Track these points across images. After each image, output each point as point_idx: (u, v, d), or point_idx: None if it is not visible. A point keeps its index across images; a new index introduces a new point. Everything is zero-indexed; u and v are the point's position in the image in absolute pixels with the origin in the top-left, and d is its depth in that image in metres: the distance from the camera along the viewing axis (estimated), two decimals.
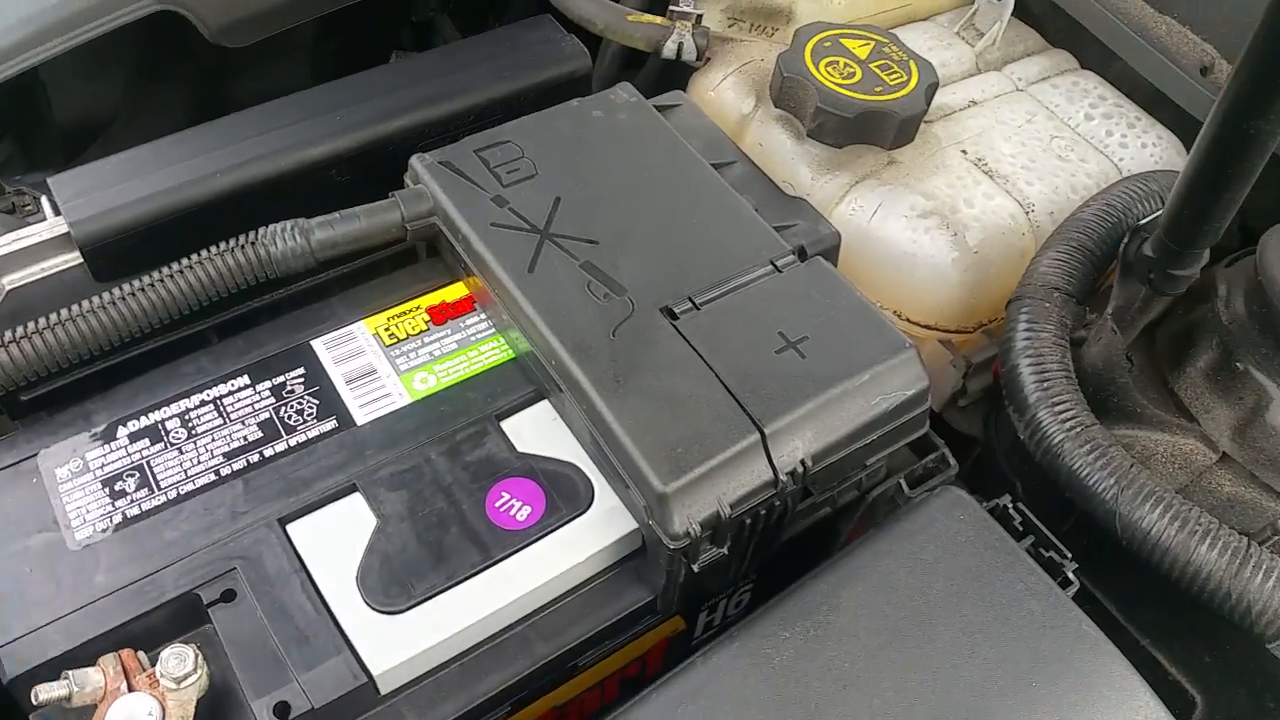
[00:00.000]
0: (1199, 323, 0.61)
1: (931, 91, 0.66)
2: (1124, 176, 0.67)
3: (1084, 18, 0.75)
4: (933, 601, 0.48)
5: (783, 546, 0.58)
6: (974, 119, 0.71)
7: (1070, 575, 0.52)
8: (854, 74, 0.65)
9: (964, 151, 0.68)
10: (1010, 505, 0.53)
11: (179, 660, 0.46)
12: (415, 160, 0.60)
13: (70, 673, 0.46)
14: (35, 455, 0.54)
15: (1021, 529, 0.53)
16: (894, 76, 0.65)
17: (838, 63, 0.66)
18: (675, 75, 0.76)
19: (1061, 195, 0.68)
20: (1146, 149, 0.72)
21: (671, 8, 0.72)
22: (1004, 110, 0.72)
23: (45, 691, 0.45)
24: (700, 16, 0.72)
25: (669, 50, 0.72)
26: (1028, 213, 0.66)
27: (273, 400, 0.56)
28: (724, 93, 0.72)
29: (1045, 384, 0.57)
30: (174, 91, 0.78)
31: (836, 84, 0.64)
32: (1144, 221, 0.56)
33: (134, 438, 0.55)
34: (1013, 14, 0.84)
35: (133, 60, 0.77)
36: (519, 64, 0.68)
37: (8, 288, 0.60)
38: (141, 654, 0.48)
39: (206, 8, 0.66)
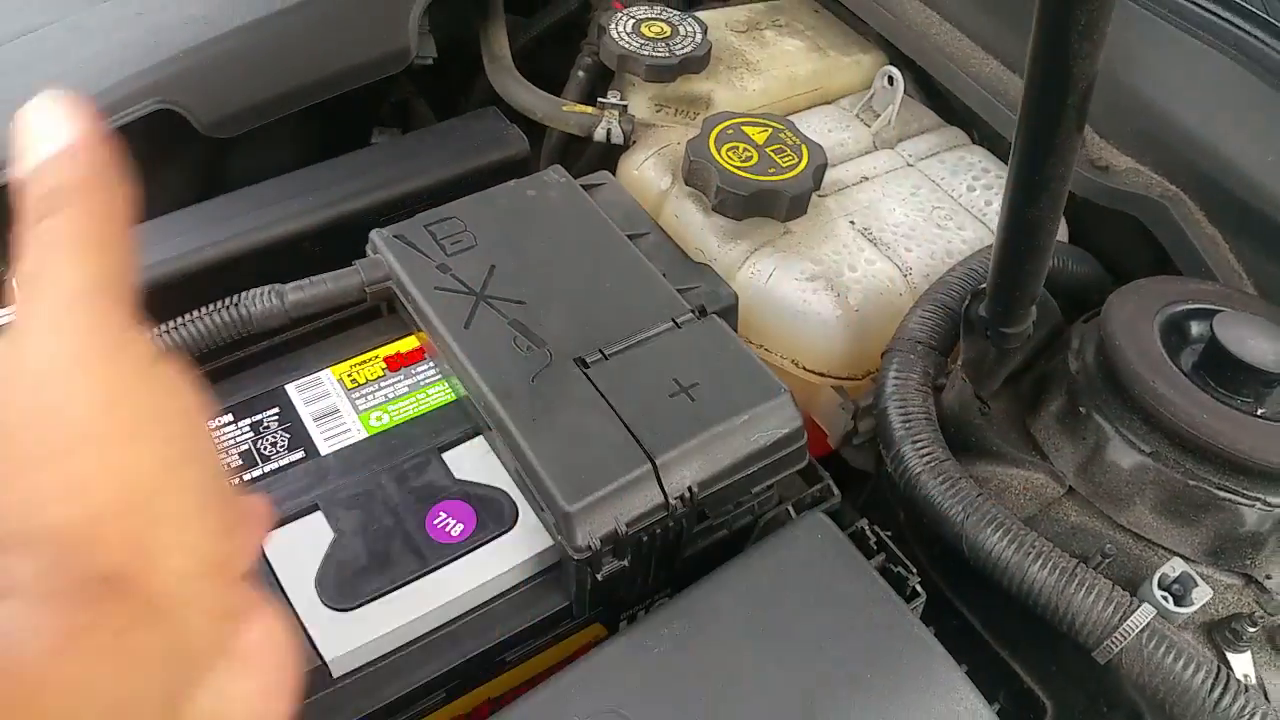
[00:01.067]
0: (1053, 372, 0.71)
1: (820, 172, 0.77)
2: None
3: (962, 94, 0.86)
4: (789, 606, 0.57)
5: (690, 564, 0.68)
6: (864, 193, 0.81)
7: (916, 587, 0.61)
8: (751, 157, 0.76)
9: (852, 222, 0.79)
10: (866, 527, 0.62)
11: None
12: (374, 234, 0.71)
13: None
14: None
15: (875, 548, 0.62)
16: (787, 159, 0.76)
17: (738, 148, 0.77)
18: (613, 155, 0.87)
19: (938, 260, 0.78)
20: None
21: (600, 99, 0.83)
22: (892, 185, 0.83)
23: None
24: (626, 106, 0.83)
25: (599, 135, 0.83)
26: (906, 275, 0.76)
27: (252, 434, 0.66)
28: (646, 171, 0.83)
29: (908, 424, 0.67)
30: (172, 173, 0.89)
31: (735, 166, 0.75)
32: (982, 286, 0.66)
33: None
34: (918, 94, 0.95)
35: (135, 147, 0.88)
36: (467, 150, 0.79)
37: None
38: None
39: (200, 105, 0.77)
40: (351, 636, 0.57)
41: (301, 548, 0.61)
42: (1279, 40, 0.76)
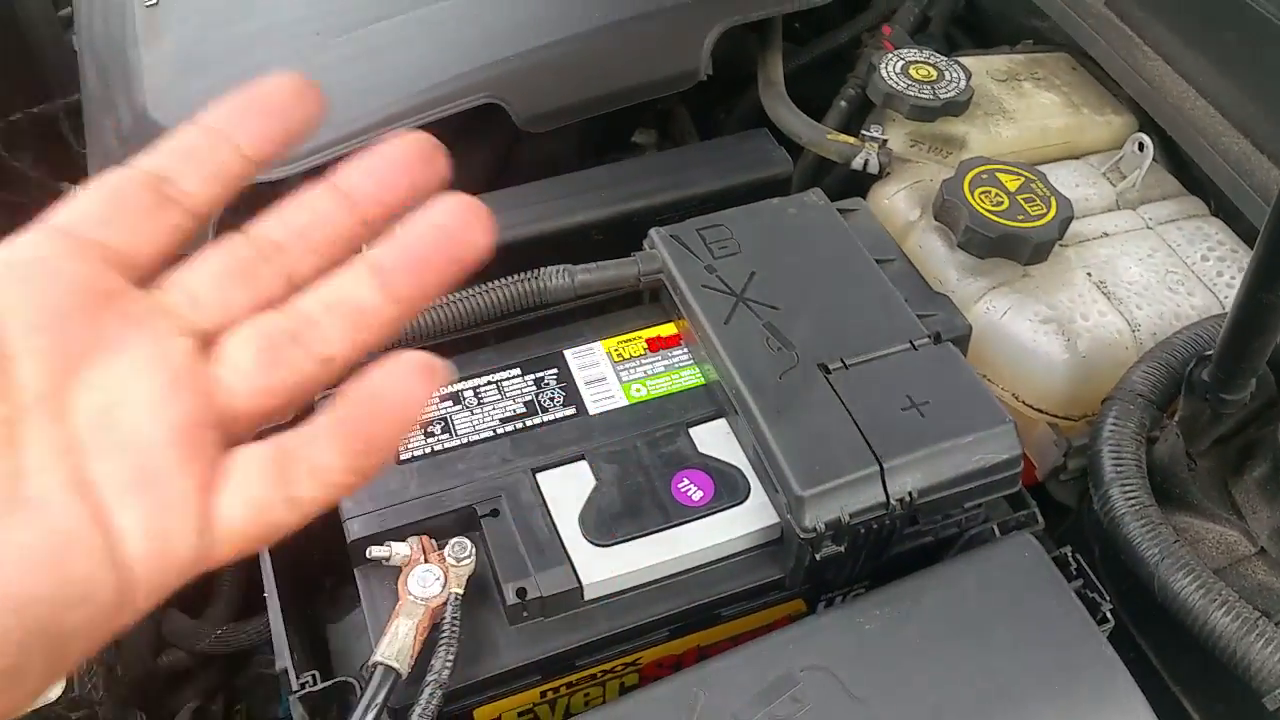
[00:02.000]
0: (1261, 440, 0.74)
1: (1065, 224, 0.82)
2: (1223, 312, 0.81)
3: (1215, 174, 0.89)
4: (989, 610, 0.64)
5: (891, 562, 0.75)
6: (1103, 248, 0.86)
7: (1107, 614, 0.66)
8: (1002, 202, 0.82)
9: (1089, 274, 0.84)
10: (1069, 553, 0.68)
11: (460, 547, 0.67)
12: (653, 231, 0.82)
13: (390, 543, 0.69)
14: None
15: (1075, 573, 0.68)
16: (1035, 208, 0.82)
17: (990, 191, 0.83)
18: (859, 182, 0.95)
19: (1166, 320, 0.82)
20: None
21: (863, 131, 0.91)
22: (1130, 244, 0.87)
23: (374, 551, 0.67)
24: (886, 140, 0.91)
25: (857, 163, 0.91)
26: (1134, 331, 0.81)
27: (535, 388, 0.79)
28: (897, 202, 0.91)
29: (1120, 468, 0.72)
30: (478, 157, 1.03)
31: (986, 209, 0.82)
32: (1209, 352, 0.70)
33: (442, 399, 0.78)
34: (1164, 160, 0.98)
35: (454, 132, 1.03)
36: (736, 166, 0.89)
37: None
38: (434, 541, 0.70)
39: (521, 102, 0.90)
40: (604, 568, 0.68)
41: (570, 489, 0.72)
42: None
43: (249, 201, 0.38)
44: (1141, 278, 0.85)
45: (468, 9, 0.97)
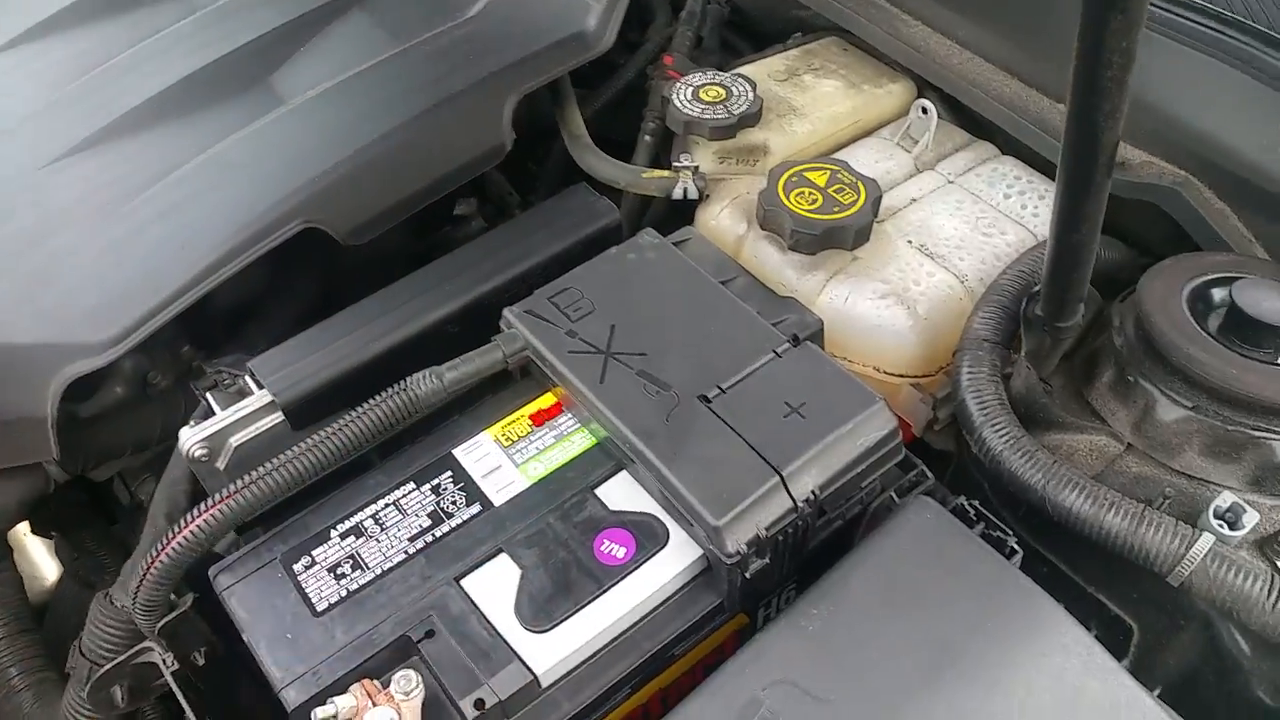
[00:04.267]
0: (1102, 348, 0.82)
1: (877, 203, 0.88)
2: (1035, 243, 0.89)
3: (991, 114, 0.97)
4: (912, 577, 0.68)
5: (813, 552, 0.79)
6: (915, 213, 0.93)
7: (1014, 546, 0.72)
8: (816, 199, 0.88)
9: (909, 241, 0.90)
10: (965, 502, 0.74)
11: (406, 680, 0.67)
12: (506, 312, 0.83)
13: (332, 699, 0.68)
14: (276, 558, 0.77)
15: (975, 518, 0.73)
16: (847, 196, 0.88)
17: (804, 192, 0.88)
18: (683, 209, 0.99)
19: (988, 264, 0.89)
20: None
21: (675, 163, 0.96)
22: (938, 202, 0.94)
23: (320, 713, 0.65)
24: (698, 167, 0.95)
25: (678, 194, 0.95)
26: (963, 282, 0.88)
27: (434, 497, 0.79)
28: (722, 220, 0.95)
29: (985, 410, 0.78)
30: (305, 273, 1.02)
31: (805, 210, 0.87)
32: (1037, 288, 0.77)
33: (343, 536, 0.77)
34: (948, 114, 1.06)
35: (273, 256, 1.01)
36: (567, 226, 0.92)
37: (234, 445, 0.84)
38: (376, 682, 0.69)
39: (338, 219, 0.89)
40: (553, 652, 0.69)
41: (497, 586, 0.73)
42: (1263, 44, 0.86)
43: None
44: (956, 231, 0.92)
45: (262, 139, 0.96)
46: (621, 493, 0.78)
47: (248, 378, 0.86)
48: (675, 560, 0.74)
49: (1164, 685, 0.77)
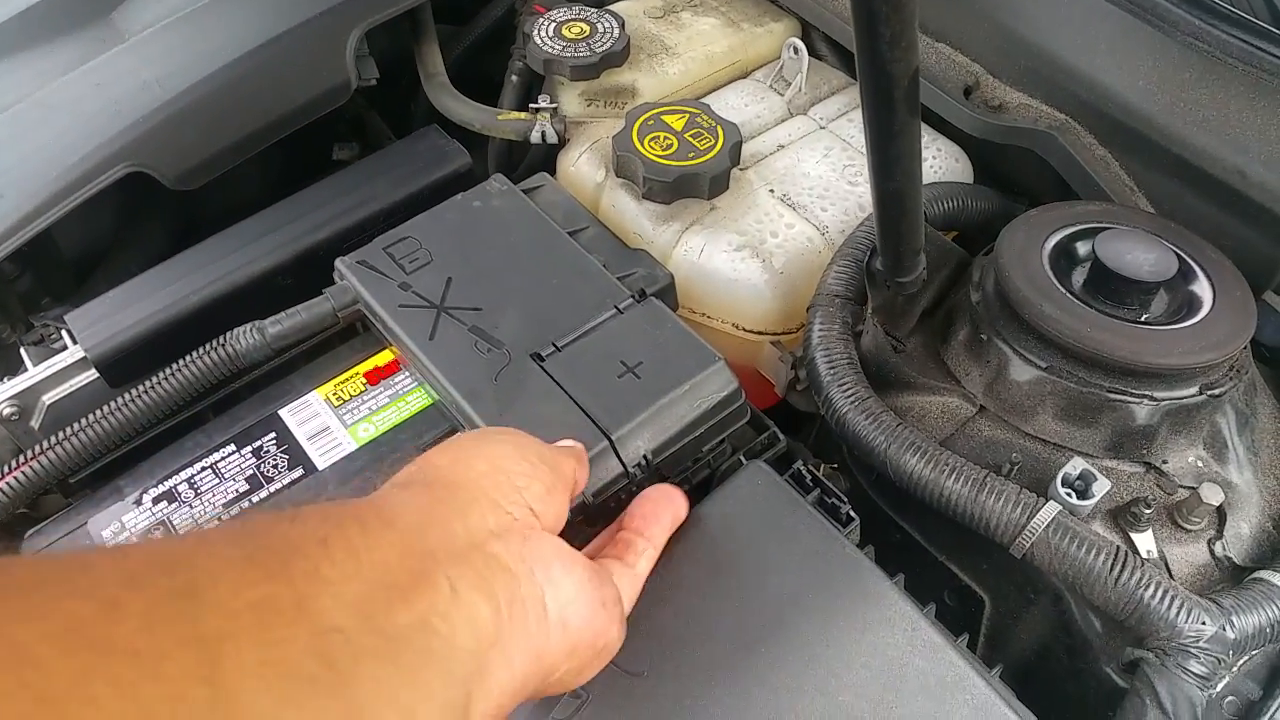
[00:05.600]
0: (959, 305, 0.78)
1: (736, 150, 0.83)
2: None
3: None
4: (736, 546, 0.65)
5: None
6: (780, 160, 0.88)
7: (850, 512, 0.69)
8: (671, 144, 0.83)
9: (771, 190, 0.86)
10: (803, 466, 0.70)
11: None
12: (338, 262, 0.78)
13: None
14: (85, 524, 0.73)
15: (812, 484, 0.70)
16: (704, 141, 0.83)
17: (659, 137, 0.83)
18: (556, 154, 0.94)
19: (851, 215, 0.85)
20: (926, 162, 0.89)
21: (532, 104, 0.90)
22: (805, 149, 0.89)
23: None
24: (556, 108, 0.90)
25: (535, 138, 0.89)
26: (824, 234, 0.83)
27: (254, 460, 0.74)
28: (581, 167, 0.90)
29: (833, 370, 0.75)
30: (154, 224, 0.96)
31: (658, 156, 0.82)
32: None
33: (155, 501, 0.73)
34: (831, 55, 1.01)
35: (117, 202, 0.96)
36: (414, 171, 0.86)
37: (47, 404, 0.79)
38: None
39: (164, 163, 0.84)
40: None
41: None
42: None
43: None
44: (821, 179, 0.87)
45: (91, 78, 0.89)
46: None
47: (65, 331, 0.81)
48: None
49: (1017, 660, 0.75)
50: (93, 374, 0.78)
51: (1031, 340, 0.72)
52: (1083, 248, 0.76)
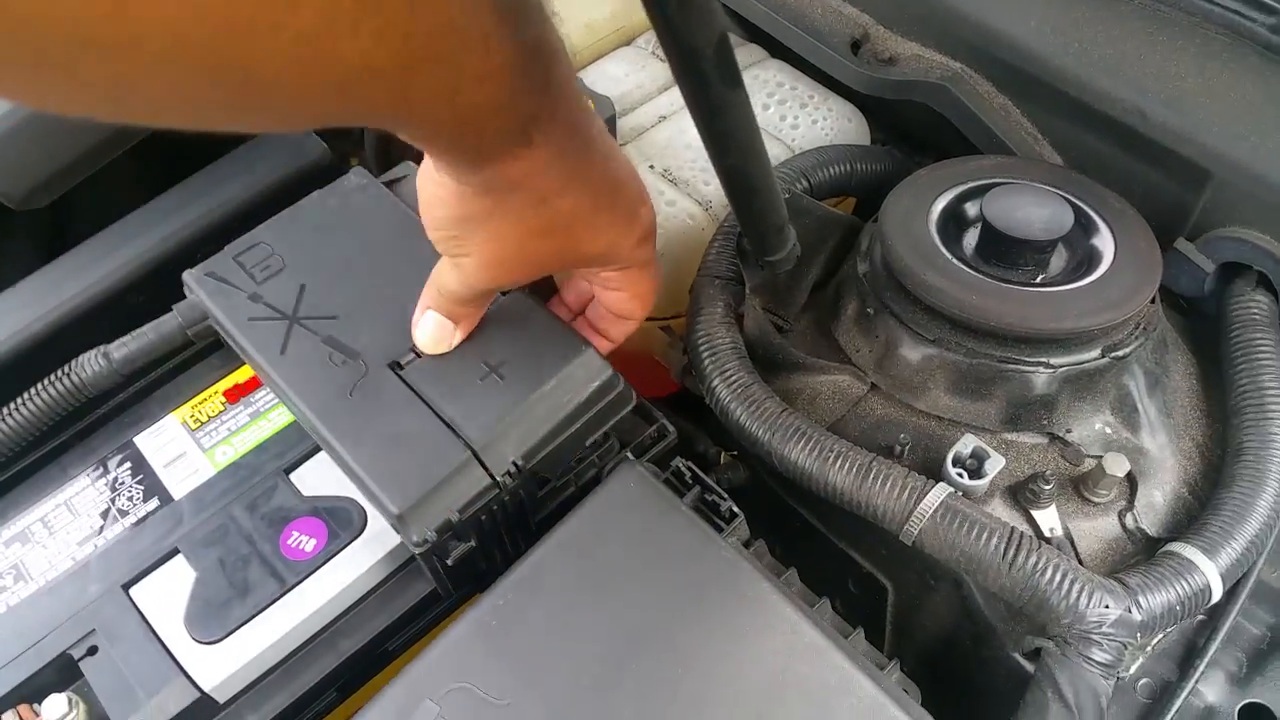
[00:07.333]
0: (847, 277, 0.74)
1: (609, 124, 0.78)
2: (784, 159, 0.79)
3: (748, 14, 0.86)
4: (610, 555, 0.61)
5: (550, 520, 0.72)
6: (661, 133, 0.83)
7: (733, 508, 0.65)
8: None
9: (651, 166, 0.80)
10: (681, 463, 0.66)
11: (54, 706, 0.60)
12: (186, 275, 0.73)
13: None
14: None
15: (691, 481, 0.66)
16: None
17: None
18: None
19: None
20: (816, 124, 0.84)
21: None
22: (686, 120, 0.83)
23: None
24: None
25: None
26: (707, 209, 0.78)
27: (109, 493, 0.70)
28: None
29: (715, 356, 0.70)
30: (15, 245, 0.91)
31: None
32: None
33: (7, 544, 0.69)
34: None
35: None
36: (267, 168, 0.81)
37: None
38: (36, 706, 0.63)
39: (7, 184, 0.78)
40: (224, 664, 0.62)
41: (168, 592, 0.65)
42: None
43: None
44: (704, 151, 0.82)
45: None
46: (318, 476, 0.70)
47: None
48: (372, 550, 0.67)
49: (924, 650, 0.72)
50: None
51: (918, 312, 0.68)
52: (973, 208, 0.72)
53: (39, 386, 0.70)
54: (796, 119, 0.84)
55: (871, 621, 0.72)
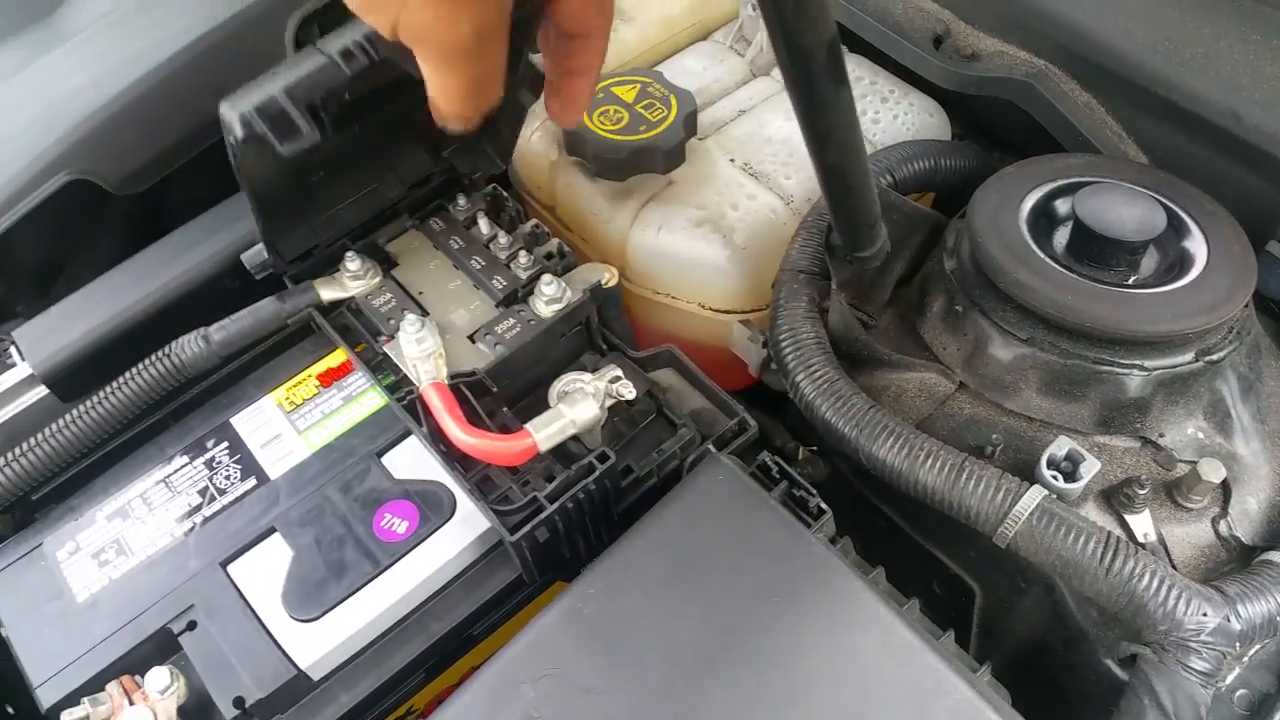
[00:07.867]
0: (933, 273, 0.74)
1: (691, 119, 0.78)
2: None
3: (840, 17, 0.86)
4: (698, 548, 0.62)
5: (632, 511, 0.73)
6: (740, 127, 0.83)
7: (820, 505, 0.65)
8: (622, 118, 0.78)
9: (732, 160, 0.81)
10: (769, 458, 0.66)
11: (158, 678, 0.62)
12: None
13: (85, 699, 0.63)
14: (41, 545, 0.71)
15: (778, 476, 0.66)
16: (656, 113, 0.78)
17: (609, 111, 0.79)
18: None
19: (817, 182, 0.80)
20: (899, 120, 0.84)
21: None
22: (766, 114, 0.84)
23: (69, 715, 0.61)
24: None
25: None
26: (788, 203, 0.79)
27: (207, 471, 0.72)
28: (534, 145, 0.85)
29: (799, 352, 0.71)
30: (109, 225, 0.93)
31: (608, 131, 0.77)
32: None
33: (109, 518, 0.71)
34: None
35: (69, 209, 0.93)
36: None
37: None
38: (138, 677, 0.64)
39: (106, 167, 0.81)
40: (321, 643, 0.64)
41: (266, 570, 0.67)
42: None
43: None
44: (785, 144, 0.82)
45: (25, 86, 0.86)
46: (409, 460, 0.72)
47: (13, 348, 0.79)
48: (462, 534, 0.68)
49: (1012, 654, 0.71)
50: (42, 390, 0.76)
51: (1010, 310, 0.67)
52: (1063, 206, 0.71)
53: (140, 366, 0.72)
54: (878, 114, 0.84)
55: (956, 624, 0.72)
